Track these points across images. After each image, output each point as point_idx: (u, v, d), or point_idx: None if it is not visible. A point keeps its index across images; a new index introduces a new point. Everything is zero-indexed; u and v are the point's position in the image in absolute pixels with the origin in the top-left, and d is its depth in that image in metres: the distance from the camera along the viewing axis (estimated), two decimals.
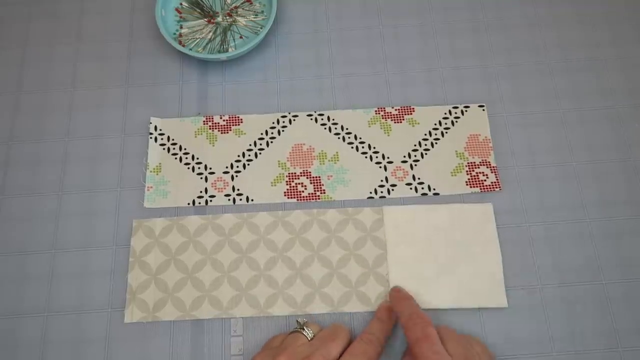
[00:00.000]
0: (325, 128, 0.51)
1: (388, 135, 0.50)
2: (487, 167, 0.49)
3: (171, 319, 0.44)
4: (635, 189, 0.48)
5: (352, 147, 0.50)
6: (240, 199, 0.48)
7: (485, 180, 0.48)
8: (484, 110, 0.51)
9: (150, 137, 0.50)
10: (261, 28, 0.54)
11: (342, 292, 0.45)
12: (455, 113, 0.51)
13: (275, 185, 0.49)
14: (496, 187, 0.48)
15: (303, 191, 0.48)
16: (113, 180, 0.49)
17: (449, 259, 0.45)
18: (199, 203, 0.48)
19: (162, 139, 0.51)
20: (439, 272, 0.45)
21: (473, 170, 0.49)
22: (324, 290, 0.45)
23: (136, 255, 0.46)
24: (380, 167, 0.49)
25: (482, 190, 0.48)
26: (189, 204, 0.48)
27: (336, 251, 0.46)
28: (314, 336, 0.41)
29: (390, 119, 0.51)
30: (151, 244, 0.46)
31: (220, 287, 0.45)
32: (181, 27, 0.55)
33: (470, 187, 0.48)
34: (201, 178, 0.49)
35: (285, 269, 0.45)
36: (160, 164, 0.50)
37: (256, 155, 0.50)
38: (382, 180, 0.49)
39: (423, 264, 0.45)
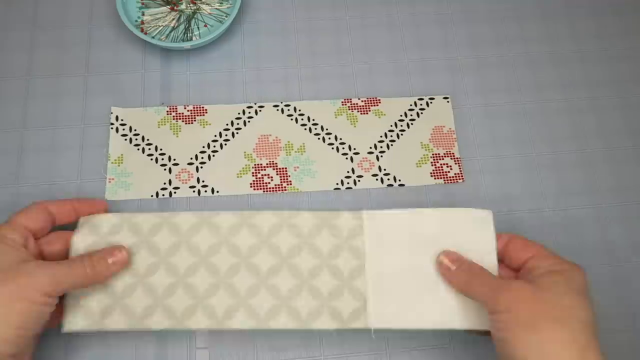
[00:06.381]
0: (291, 119, 0.50)
1: (354, 126, 0.50)
2: (451, 159, 0.49)
3: (120, 328, 0.39)
4: (592, 179, 0.50)
5: (319, 138, 0.50)
6: (206, 191, 0.47)
7: (449, 172, 0.49)
8: (448, 102, 0.52)
9: (112, 128, 0.49)
10: (226, 16, 0.53)
11: (311, 306, 0.40)
12: (421, 105, 0.51)
13: (241, 176, 0.48)
14: (459, 179, 0.49)
15: (269, 182, 0.48)
16: (72, 172, 0.48)
17: (436, 274, 0.40)
18: (163, 195, 0.47)
19: (123, 129, 0.49)
20: (424, 288, 0.40)
21: (437, 162, 0.49)
22: (291, 304, 0.40)
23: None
24: (346, 158, 0.49)
25: (446, 181, 0.49)
26: (152, 196, 0.47)
27: (307, 260, 0.41)
28: None
29: (356, 110, 0.51)
30: (97, 243, 0.40)
31: (174, 295, 0.40)
32: (143, 14, 0.53)
33: (435, 178, 0.49)
34: (165, 169, 0.48)
35: (248, 277, 0.40)
36: (122, 155, 0.48)
37: (221, 147, 0.49)
38: (348, 172, 0.49)
39: (407, 278, 0.40)
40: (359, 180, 0.48)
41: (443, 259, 0.39)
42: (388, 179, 0.49)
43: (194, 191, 0.47)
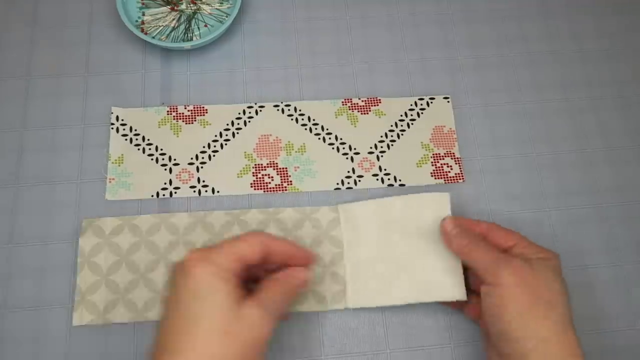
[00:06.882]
0: (292, 119, 0.50)
1: (355, 126, 0.50)
2: (452, 159, 0.49)
3: (123, 321, 0.43)
4: (592, 179, 0.50)
5: (319, 138, 0.50)
6: (206, 191, 0.47)
7: (449, 172, 0.49)
8: (448, 102, 0.52)
9: (112, 128, 0.49)
10: (227, 16, 0.53)
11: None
12: (421, 104, 0.51)
13: (241, 176, 0.48)
14: (460, 179, 0.49)
15: (270, 182, 0.48)
16: (72, 172, 0.48)
17: (407, 254, 0.44)
18: (163, 195, 0.47)
19: (124, 129, 0.49)
20: (398, 267, 0.43)
21: (438, 162, 0.49)
22: None
23: (85, 256, 0.44)
24: (347, 158, 0.49)
25: (447, 181, 0.49)
26: (152, 196, 0.47)
27: None
28: None
29: (356, 110, 0.51)
30: (101, 244, 0.44)
31: None
32: (143, 14, 0.53)
33: (435, 178, 0.49)
34: (165, 169, 0.48)
35: None
36: (122, 155, 0.48)
37: (222, 147, 0.49)
38: (349, 172, 0.49)
39: (380, 260, 0.44)
40: (359, 180, 0.48)
41: (447, 224, 0.40)
42: (388, 179, 0.49)
43: (194, 191, 0.47)
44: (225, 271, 0.33)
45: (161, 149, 0.49)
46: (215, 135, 0.49)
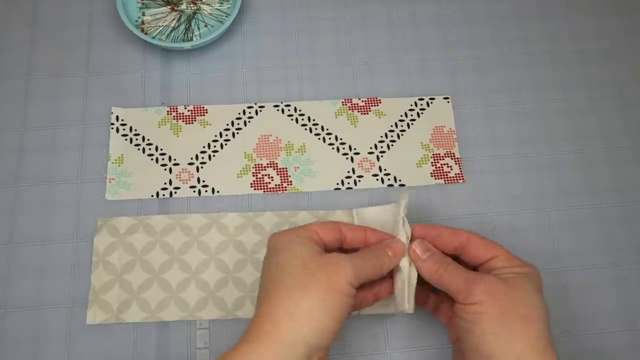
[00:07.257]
0: (292, 119, 0.50)
1: (355, 126, 0.50)
2: (452, 159, 0.49)
3: (136, 321, 0.43)
4: (592, 179, 0.50)
5: (319, 139, 0.50)
6: (206, 191, 0.47)
7: (449, 172, 0.49)
8: (448, 102, 0.52)
9: (112, 128, 0.49)
10: (227, 17, 0.53)
11: None
12: (421, 105, 0.51)
13: (241, 176, 0.48)
14: (460, 179, 0.49)
15: (270, 182, 0.48)
16: (72, 172, 0.48)
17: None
18: (163, 195, 0.47)
19: (124, 129, 0.49)
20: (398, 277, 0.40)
21: (438, 162, 0.49)
22: None
23: (99, 255, 0.45)
24: (347, 158, 0.49)
25: (446, 182, 0.49)
26: (152, 196, 0.47)
27: None
28: None
29: (356, 110, 0.51)
30: (115, 243, 0.45)
31: (187, 289, 0.44)
32: (143, 14, 0.53)
33: (435, 178, 0.49)
34: (165, 169, 0.48)
35: (253, 271, 0.45)
36: (122, 155, 0.48)
37: (222, 147, 0.49)
38: (348, 172, 0.49)
39: None
40: (359, 181, 0.48)
41: (415, 248, 0.39)
42: (388, 179, 0.49)
43: (194, 191, 0.47)
44: (303, 236, 0.37)
45: (161, 149, 0.49)
46: (215, 135, 0.49)
